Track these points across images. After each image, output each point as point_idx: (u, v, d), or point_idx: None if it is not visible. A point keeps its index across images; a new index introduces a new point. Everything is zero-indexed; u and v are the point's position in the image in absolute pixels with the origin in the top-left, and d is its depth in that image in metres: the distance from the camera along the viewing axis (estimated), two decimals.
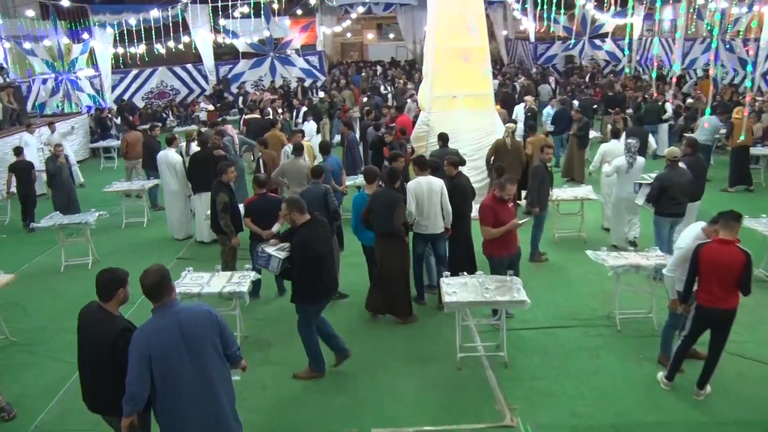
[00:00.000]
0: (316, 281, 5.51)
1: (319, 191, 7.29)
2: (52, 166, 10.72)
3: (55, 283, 8.41)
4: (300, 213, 5.52)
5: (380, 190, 6.87)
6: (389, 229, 6.65)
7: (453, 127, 11.41)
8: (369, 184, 7.12)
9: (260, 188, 7.26)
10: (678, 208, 7.80)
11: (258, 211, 7.21)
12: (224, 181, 7.38)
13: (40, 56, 20.62)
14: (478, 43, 11.51)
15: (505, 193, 6.35)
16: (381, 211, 6.66)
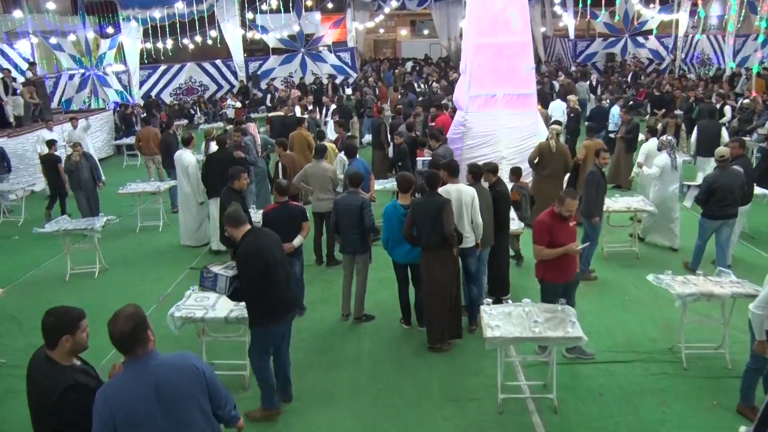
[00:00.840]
0: (268, 298, 4.70)
1: (354, 203, 6.55)
2: (67, 166, 10.19)
3: (56, 294, 7.79)
4: (234, 226, 4.73)
5: (421, 199, 6.06)
6: (437, 239, 5.84)
7: (491, 129, 10.64)
8: (403, 194, 6.30)
9: (281, 196, 6.51)
10: (725, 210, 7.40)
11: (278, 222, 6.42)
12: (236, 188, 6.63)
13: (67, 51, 20.33)
14: (520, 38, 10.63)
15: (565, 209, 5.46)
16: (425, 222, 5.87)
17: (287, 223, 6.46)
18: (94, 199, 10.19)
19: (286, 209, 6.48)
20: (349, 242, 6.64)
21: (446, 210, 5.82)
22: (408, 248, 6.26)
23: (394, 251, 6.40)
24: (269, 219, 6.43)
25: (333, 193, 8.17)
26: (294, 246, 6.48)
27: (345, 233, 6.61)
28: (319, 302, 7.28)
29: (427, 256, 5.99)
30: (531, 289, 7.55)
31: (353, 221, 6.52)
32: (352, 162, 8.29)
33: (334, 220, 6.63)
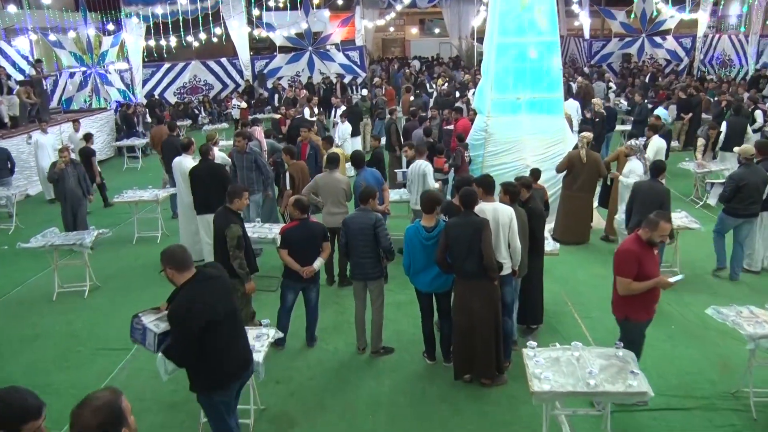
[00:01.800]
0: (209, 364, 3.81)
1: (366, 222, 5.78)
2: (50, 173, 9.18)
3: (41, 317, 7.08)
4: (176, 268, 3.76)
5: (456, 220, 5.32)
6: (475, 266, 5.12)
7: (515, 135, 9.90)
8: (427, 214, 5.55)
9: (302, 213, 5.80)
10: (750, 209, 7.42)
11: (298, 242, 5.76)
12: (234, 208, 5.86)
13: (68, 49, 19.63)
14: (547, 37, 9.87)
15: (658, 234, 4.68)
16: (461, 246, 5.15)
17: (308, 243, 5.81)
18: (81, 213, 9.20)
19: (306, 228, 5.79)
20: (360, 267, 5.86)
21: (485, 232, 5.10)
22: (433, 275, 5.54)
23: (416, 279, 5.67)
24: (289, 238, 5.74)
25: (346, 206, 7.45)
26: (315, 269, 5.80)
27: (356, 257, 5.83)
28: (332, 330, 6.56)
29: (463, 285, 5.27)
30: (562, 314, 6.86)
31: (366, 243, 5.75)
32: (361, 173, 7.53)
33: (344, 242, 5.86)
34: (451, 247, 5.23)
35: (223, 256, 5.66)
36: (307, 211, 5.83)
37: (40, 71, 15.40)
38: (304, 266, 5.76)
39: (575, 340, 6.24)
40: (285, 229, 5.90)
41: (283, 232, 5.85)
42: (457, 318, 5.39)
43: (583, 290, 7.53)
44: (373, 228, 5.70)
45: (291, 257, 5.77)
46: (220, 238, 5.65)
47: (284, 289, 5.99)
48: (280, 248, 5.81)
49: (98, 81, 20.35)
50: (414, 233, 5.52)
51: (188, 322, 3.64)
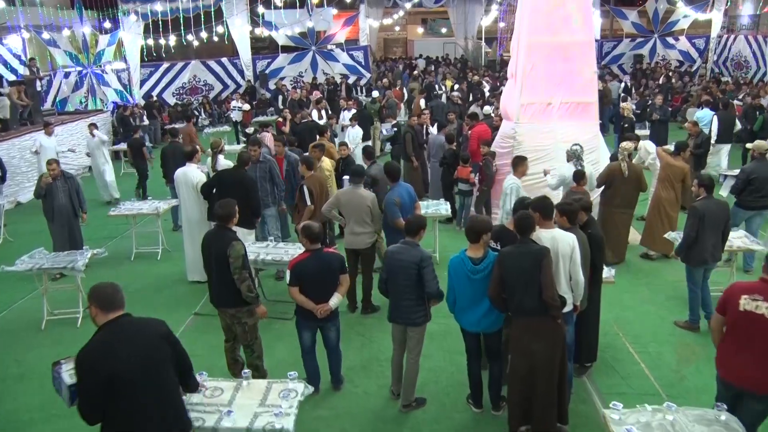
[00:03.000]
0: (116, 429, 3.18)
1: (411, 259, 4.84)
2: (36, 189, 8.13)
3: (28, 350, 6.28)
4: (100, 308, 3.31)
5: (512, 248, 4.56)
6: (534, 302, 4.38)
7: (546, 143, 9.16)
8: (474, 243, 4.77)
9: (313, 242, 4.98)
10: (761, 201, 7.68)
11: (311, 277, 4.94)
12: (232, 225, 5.09)
13: (62, 48, 18.81)
14: (581, 37, 9.12)
15: None
16: (518, 278, 4.41)
17: (323, 277, 4.97)
18: (72, 234, 8.13)
19: (320, 260, 4.96)
20: (401, 310, 5.00)
21: (545, 263, 4.34)
22: (482, 313, 4.77)
23: (462, 317, 4.90)
24: (300, 273, 4.92)
25: (372, 226, 6.66)
26: (331, 307, 4.99)
27: (397, 297, 5.00)
28: (360, 369, 5.77)
29: (521, 324, 4.51)
30: (616, 348, 6.11)
31: (409, 283, 4.89)
32: (395, 188, 6.71)
33: (384, 278, 5.03)
34: (506, 281, 4.48)
35: (221, 282, 4.92)
36: (319, 240, 4.99)
37: (34, 71, 14.57)
38: (318, 303, 4.96)
39: (637, 380, 5.56)
40: (295, 262, 5.02)
41: (293, 267, 4.99)
42: (513, 361, 4.62)
43: (632, 318, 6.78)
44: (417, 267, 4.86)
45: (303, 294, 4.96)
46: (219, 261, 4.87)
47: (299, 330, 5.18)
48: (290, 286, 4.99)
49: (94, 81, 19.52)
50: (459, 265, 4.74)
51: (90, 374, 3.11)
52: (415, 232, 5.01)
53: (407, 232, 5.02)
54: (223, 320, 5.24)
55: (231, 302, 4.97)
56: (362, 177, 6.67)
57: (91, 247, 8.77)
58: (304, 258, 4.94)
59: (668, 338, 6.29)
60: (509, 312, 4.61)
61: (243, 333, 5.12)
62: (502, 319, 4.84)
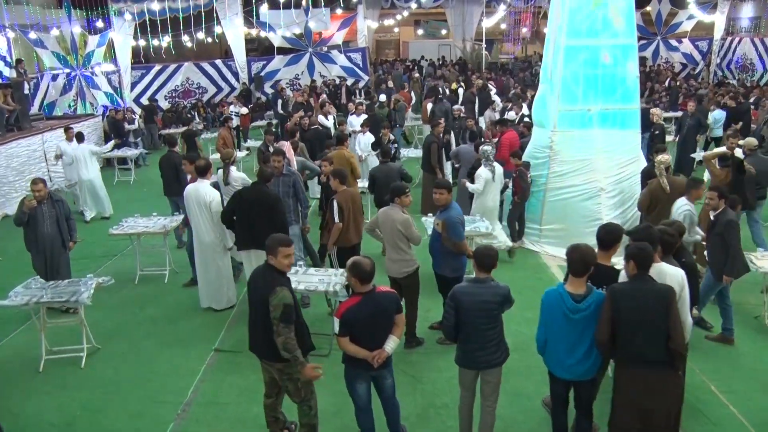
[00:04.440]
0: None
1: (491, 296, 4.22)
2: (17, 214, 6.82)
3: (25, 398, 5.36)
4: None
5: (629, 286, 3.89)
6: (658, 351, 3.73)
7: (585, 153, 8.53)
8: (576, 277, 4.04)
9: (364, 283, 4.19)
10: (759, 192, 8.04)
11: (363, 324, 4.18)
12: (280, 266, 4.23)
13: (50, 48, 17.85)
14: (624, 40, 8.48)
15: None
16: (636, 322, 3.78)
17: (377, 321, 4.21)
18: (57, 269, 6.87)
19: (373, 303, 4.18)
20: (478, 354, 4.32)
21: (673, 305, 3.69)
22: (578, 358, 4.08)
23: (552, 360, 4.19)
24: (351, 321, 4.13)
25: (409, 252, 5.89)
26: (388, 353, 4.25)
27: (473, 341, 4.30)
28: (416, 420, 4.97)
29: (634, 375, 3.83)
30: (697, 388, 5.41)
31: (492, 325, 4.26)
32: (447, 212, 5.96)
33: (452, 322, 4.27)
34: (619, 323, 3.80)
35: (266, 330, 4.14)
36: (370, 280, 4.20)
37: (22, 73, 13.65)
38: (372, 350, 4.21)
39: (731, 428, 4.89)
40: (344, 309, 4.19)
41: (343, 315, 4.19)
42: (621, 418, 3.91)
43: (706, 349, 6.08)
44: (500, 306, 4.22)
45: (355, 343, 4.21)
46: (263, 306, 4.11)
47: (351, 383, 4.38)
48: (339, 336, 4.22)
49: (84, 84, 18.60)
50: (556, 302, 4.03)
51: None
52: (489, 268, 4.30)
53: (480, 266, 4.30)
54: (266, 373, 4.46)
55: (275, 356, 4.18)
56: (399, 194, 5.90)
57: (87, 267, 8.07)
58: (354, 303, 4.16)
59: (751, 373, 5.63)
60: (617, 359, 3.92)
61: (296, 390, 4.33)
62: (600, 365, 4.17)
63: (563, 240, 8.69)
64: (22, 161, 12.79)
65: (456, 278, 5.97)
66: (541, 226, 8.90)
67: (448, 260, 5.93)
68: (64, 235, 6.92)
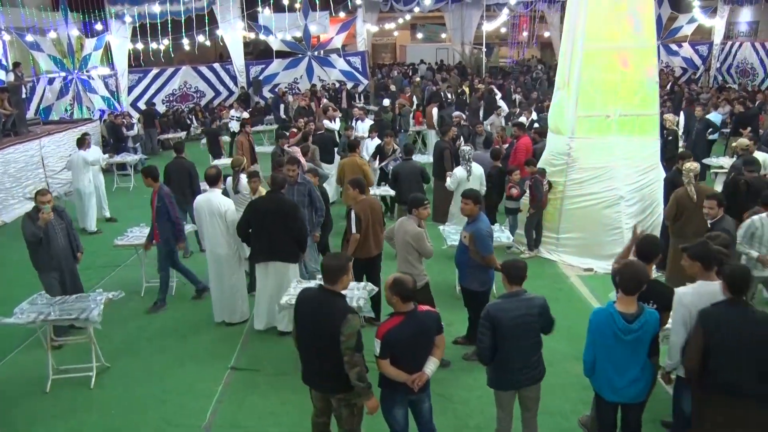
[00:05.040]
0: None
1: (529, 309, 4.05)
2: (30, 230, 6.04)
3: (30, 423, 4.99)
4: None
5: (721, 311, 3.64)
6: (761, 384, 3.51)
7: (605, 160, 8.31)
8: (629, 296, 3.77)
9: (406, 302, 3.91)
10: None
11: (405, 345, 3.90)
12: (340, 287, 3.94)
13: (46, 51, 17.58)
14: (643, 43, 8.28)
15: None
16: (736, 352, 3.55)
17: (418, 342, 3.96)
18: (75, 285, 6.48)
19: (415, 323, 3.91)
20: (518, 372, 4.11)
21: None
22: (630, 379, 3.85)
23: (600, 381, 3.95)
24: (393, 342, 3.85)
25: (418, 266, 5.61)
26: (428, 376, 3.99)
27: (515, 360, 4.08)
28: None
29: (729, 407, 3.59)
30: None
31: (535, 340, 4.10)
32: (476, 224, 5.70)
33: (489, 344, 4.04)
34: (710, 350, 3.59)
35: (327, 361, 3.84)
36: (413, 298, 3.96)
37: (19, 76, 13.33)
38: (412, 373, 3.95)
39: None
40: (386, 330, 3.87)
41: (384, 336, 3.86)
42: None
43: None
44: (538, 318, 4.01)
45: (394, 365, 3.93)
46: (326, 335, 3.80)
47: (389, 408, 4.08)
48: (379, 358, 3.93)
49: (80, 88, 18.34)
50: (606, 322, 3.79)
51: None
52: (521, 279, 4.10)
53: (511, 280, 4.10)
54: (319, 401, 4.16)
55: (339, 387, 3.91)
56: (417, 206, 5.64)
57: (90, 279, 7.78)
58: (396, 323, 3.88)
59: None
60: (707, 387, 3.69)
61: (350, 416, 4.04)
62: (651, 387, 3.94)
63: (581, 249, 8.52)
64: (20, 167, 12.48)
65: (483, 292, 5.77)
66: (558, 234, 8.68)
67: (476, 274, 5.70)
68: (73, 246, 6.53)
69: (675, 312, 3.89)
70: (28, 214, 6.19)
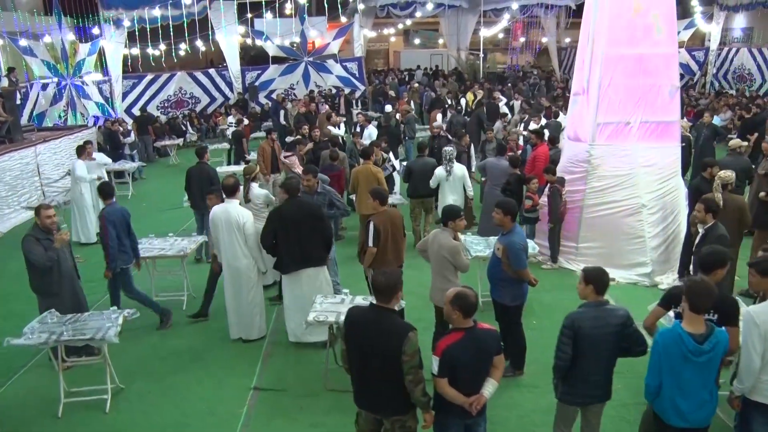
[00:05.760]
0: None
1: (610, 320, 3.93)
2: (44, 255, 5.50)
3: None
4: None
5: None
6: None
7: (626, 167, 8.13)
8: (695, 312, 3.53)
9: (467, 317, 3.68)
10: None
11: (464, 364, 3.66)
12: (394, 303, 3.71)
13: (40, 57, 17.18)
14: (665, 49, 8.12)
15: None
16: None
17: (478, 361, 3.72)
18: (80, 304, 5.96)
19: (476, 340, 3.68)
20: (588, 387, 4.00)
21: None
22: (698, 403, 3.62)
23: (667, 406, 3.68)
24: (453, 360, 3.61)
25: (454, 280, 5.32)
26: (486, 399, 3.75)
27: (589, 373, 3.95)
28: None
29: None
30: None
31: (615, 352, 3.95)
32: (510, 237, 5.42)
33: (569, 352, 3.87)
34: None
35: (384, 381, 3.60)
36: (474, 312, 3.73)
37: (14, 82, 12.97)
38: (469, 395, 3.71)
39: None
40: (445, 346, 3.64)
41: (444, 353, 3.63)
42: None
43: None
44: (622, 328, 3.87)
45: (454, 387, 3.68)
46: (383, 355, 3.56)
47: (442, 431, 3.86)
48: (437, 377, 3.68)
49: (74, 94, 17.94)
50: (674, 343, 3.54)
51: None
52: (605, 287, 3.94)
53: (598, 288, 3.94)
54: (369, 424, 3.86)
55: (396, 409, 3.68)
56: (453, 218, 5.41)
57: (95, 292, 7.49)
58: (456, 340, 3.64)
59: None
60: None
61: None
62: (715, 409, 3.72)
63: (602, 258, 8.28)
64: (15, 175, 12.11)
65: (516, 307, 5.54)
66: (578, 244, 8.47)
67: (508, 288, 5.46)
68: (76, 265, 6.09)
69: (747, 332, 3.67)
70: (33, 236, 5.57)
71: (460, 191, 8.99)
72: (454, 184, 8.91)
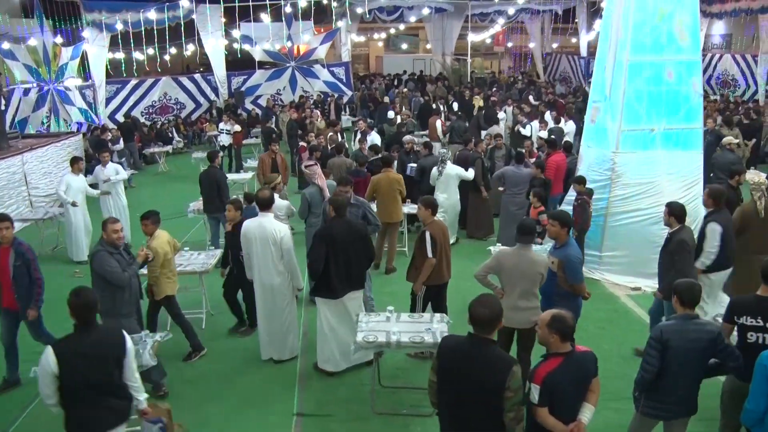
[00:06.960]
0: None
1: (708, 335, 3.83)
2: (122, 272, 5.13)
3: None
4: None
5: None
6: None
7: (650, 174, 8.03)
8: None
9: (565, 341, 3.47)
10: None
11: (563, 390, 3.45)
12: (494, 335, 3.46)
13: (21, 60, 16.50)
14: (689, 56, 8.04)
15: None
16: None
17: (579, 386, 3.55)
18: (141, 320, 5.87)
19: (575, 365, 3.48)
20: (675, 403, 3.87)
21: None
22: None
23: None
24: (554, 386, 3.41)
25: (536, 301, 5.14)
26: (585, 424, 3.53)
27: (680, 388, 3.81)
28: None
29: None
30: None
31: (702, 368, 3.85)
32: (565, 250, 5.18)
33: (657, 365, 3.74)
34: None
35: (485, 416, 3.33)
36: (572, 335, 3.55)
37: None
38: (567, 422, 3.48)
39: None
40: (545, 373, 3.44)
41: (544, 381, 3.42)
42: None
43: None
44: (713, 344, 3.74)
45: (553, 415, 3.46)
46: (482, 390, 3.31)
47: None
48: (538, 406, 3.46)
49: (57, 99, 17.28)
50: None
51: None
52: (697, 302, 3.79)
53: (685, 302, 3.78)
54: None
55: None
56: (532, 235, 5.15)
57: None
58: (556, 366, 3.42)
59: None
60: None
61: None
62: None
63: (626, 267, 8.19)
64: (2, 185, 11.55)
65: None
66: (601, 252, 8.33)
67: (563, 302, 5.19)
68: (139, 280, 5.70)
69: None
70: (105, 251, 5.10)
71: (452, 190, 9.08)
72: (447, 182, 9.03)
